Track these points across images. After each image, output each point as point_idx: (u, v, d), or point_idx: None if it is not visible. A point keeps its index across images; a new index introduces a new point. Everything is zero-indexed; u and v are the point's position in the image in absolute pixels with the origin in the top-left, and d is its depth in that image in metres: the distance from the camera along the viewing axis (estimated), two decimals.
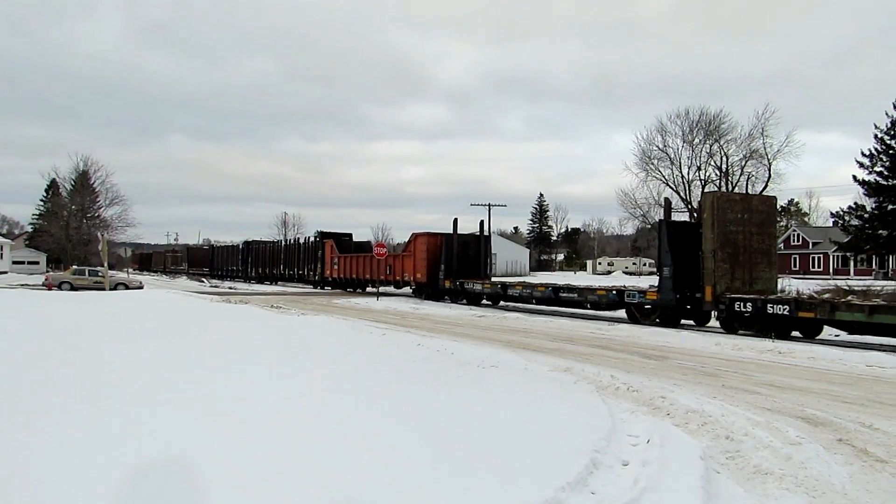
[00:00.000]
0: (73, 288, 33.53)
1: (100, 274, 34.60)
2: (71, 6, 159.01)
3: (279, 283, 48.65)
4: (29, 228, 76.67)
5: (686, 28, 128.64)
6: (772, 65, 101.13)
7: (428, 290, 29.48)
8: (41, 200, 70.57)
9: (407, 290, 33.20)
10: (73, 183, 63.17)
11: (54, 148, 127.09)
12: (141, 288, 34.97)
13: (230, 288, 43.02)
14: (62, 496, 4.04)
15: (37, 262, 65.92)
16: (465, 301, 27.34)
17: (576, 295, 21.76)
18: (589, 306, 21.58)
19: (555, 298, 22.60)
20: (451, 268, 28.13)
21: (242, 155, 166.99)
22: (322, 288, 40.44)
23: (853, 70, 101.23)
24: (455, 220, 28.71)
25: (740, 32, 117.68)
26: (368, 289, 35.56)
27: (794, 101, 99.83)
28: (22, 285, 37.73)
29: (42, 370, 8.41)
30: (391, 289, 34.51)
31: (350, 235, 41.58)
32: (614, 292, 20.34)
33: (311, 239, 43.46)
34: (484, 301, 27.19)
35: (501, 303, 26.62)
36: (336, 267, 37.52)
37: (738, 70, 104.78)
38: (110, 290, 32.32)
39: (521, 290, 24.29)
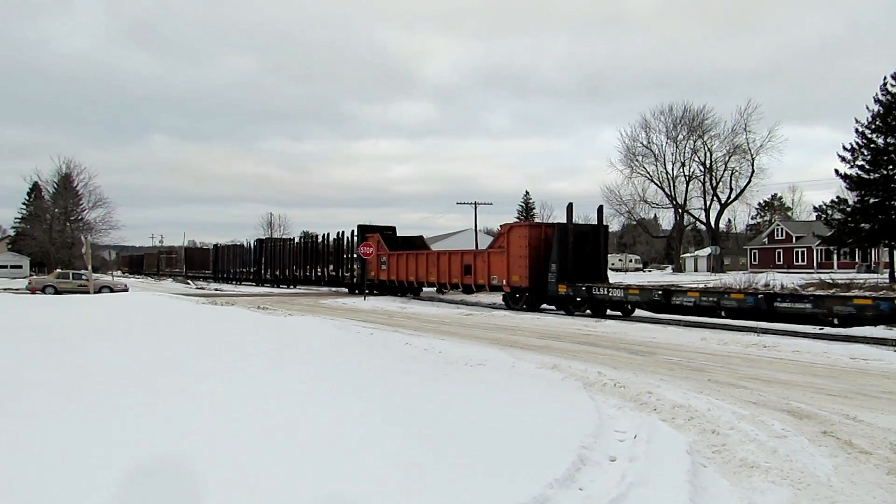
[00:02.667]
0: (57, 291, 33.27)
1: (84, 277, 34.34)
2: (47, 4, 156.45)
3: (299, 286, 42.97)
4: (11, 232, 76.03)
5: (674, 22, 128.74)
6: (759, 58, 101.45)
7: (529, 297, 22.89)
8: (23, 204, 70.09)
9: (488, 296, 27.86)
10: (55, 186, 62.82)
11: (34, 150, 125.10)
12: (126, 291, 34.72)
13: (216, 290, 42.78)
14: (61, 497, 4.00)
15: (20, 266, 65.27)
16: (588, 311, 20.81)
17: (808, 305, 14.73)
18: (836, 322, 14.45)
19: (766, 310, 15.52)
20: (565, 268, 21.58)
21: (226, 155, 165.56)
22: (362, 292, 32.85)
23: (841, 63, 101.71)
24: (570, 206, 22.92)
25: (729, 26, 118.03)
26: (425, 291, 31.16)
27: (781, 96, 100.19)
28: (5, 289, 37.33)
29: (33, 372, 8.32)
30: (456, 293, 29.69)
31: (393, 229, 34.93)
32: None
33: (348, 234, 37.28)
34: (610, 311, 20.63)
35: (637, 312, 19.96)
36: (385, 267, 31.17)
37: (726, 64, 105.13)
38: (94, 293, 32.07)
39: (697, 297, 17.08)
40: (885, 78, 35.29)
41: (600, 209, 24.64)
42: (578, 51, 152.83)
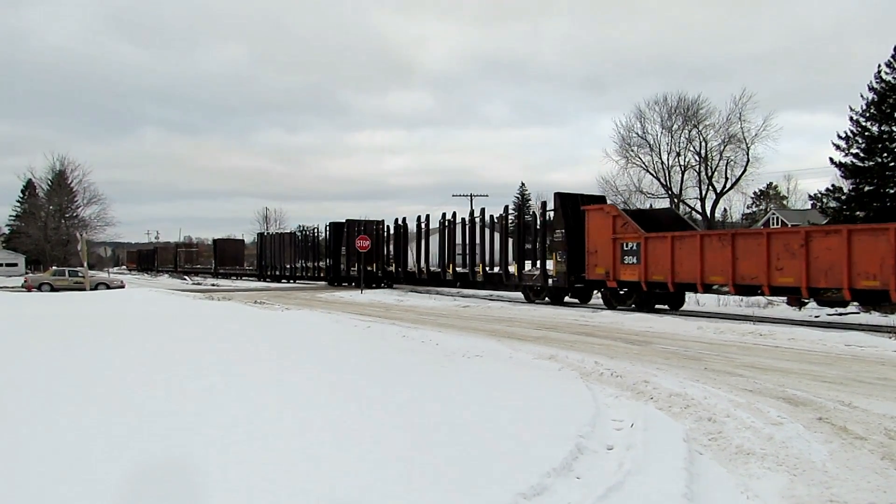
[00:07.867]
0: (53, 289, 33.18)
1: (80, 274, 34.30)
2: None
3: (414, 286, 29.99)
4: (6, 230, 75.72)
5: (679, 7, 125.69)
6: (764, 43, 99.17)
7: None
8: (18, 201, 69.84)
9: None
10: (49, 183, 62.54)
11: (25, 145, 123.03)
12: (122, 287, 34.70)
13: (213, 285, 42.75)
14: (62, 497, 4.02)
15: (15, 264, 65.06)
16: None
17: None
18: None
19: None
20: None
21: (219, 148, 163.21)
22: (557, 300, 22.12)
23: (848, 48, 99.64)
24: None
25: (733, 9, 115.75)
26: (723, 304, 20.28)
27: (785, 81, 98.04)
28: (1, 287, 37.25)
29: (35, 370, 8.31)
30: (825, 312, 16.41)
31: (603, 199, 24.61)
32: None
33: (536, 208, 25.55)
34: None
35: None
36: (634, 260, 18.88)
37: (730, 50, 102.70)
38: (91, 290, 32.06)
39: None
40: (879, 66, 35.27)
41: None
42: (580, 37, 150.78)
